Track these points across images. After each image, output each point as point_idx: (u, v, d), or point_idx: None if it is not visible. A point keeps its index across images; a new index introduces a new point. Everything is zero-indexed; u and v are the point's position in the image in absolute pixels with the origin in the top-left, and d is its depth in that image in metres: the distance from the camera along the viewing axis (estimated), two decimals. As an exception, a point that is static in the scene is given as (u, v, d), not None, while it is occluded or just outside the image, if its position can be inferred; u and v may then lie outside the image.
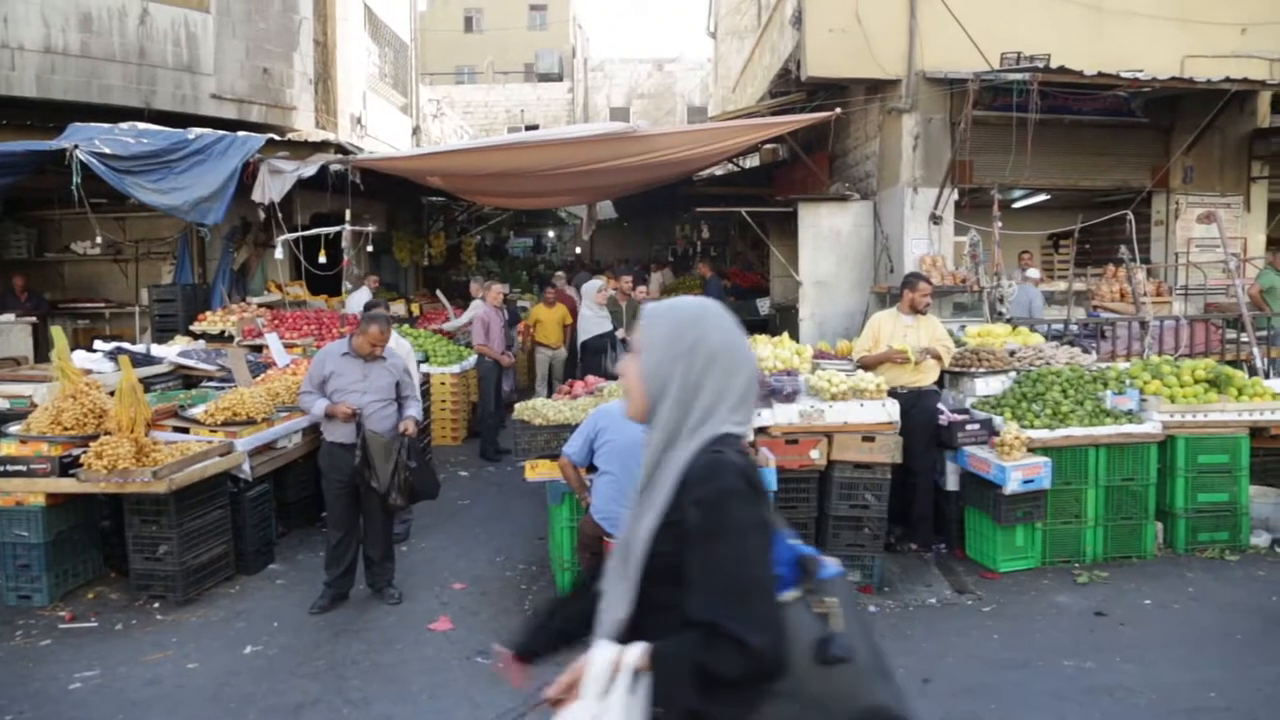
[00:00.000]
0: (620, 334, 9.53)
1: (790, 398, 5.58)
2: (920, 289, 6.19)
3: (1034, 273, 9.60)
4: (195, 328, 8.90)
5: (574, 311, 10.81)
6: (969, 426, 5.90)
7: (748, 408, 1.69)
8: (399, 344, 6.09)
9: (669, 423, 1.65)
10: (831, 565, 1.64)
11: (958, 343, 6.78)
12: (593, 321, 9.57)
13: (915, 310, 6.20)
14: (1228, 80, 8.39)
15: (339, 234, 9.56)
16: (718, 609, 1.49)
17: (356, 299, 10.44)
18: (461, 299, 12.93)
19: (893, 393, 5.73)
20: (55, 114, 9.91)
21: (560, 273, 13.48)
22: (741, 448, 1.64)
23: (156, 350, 7.80)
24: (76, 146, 8.14)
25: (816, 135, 11.33)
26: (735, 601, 1.50)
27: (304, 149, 9.59)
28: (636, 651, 1.56)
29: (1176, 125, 9.93)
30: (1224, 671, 4.32)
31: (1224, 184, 10.15)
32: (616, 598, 1.67)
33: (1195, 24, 9.54)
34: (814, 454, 5.37)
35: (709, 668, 1.48)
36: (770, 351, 6.24)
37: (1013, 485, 5.43)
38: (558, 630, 1.97)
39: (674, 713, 1.53)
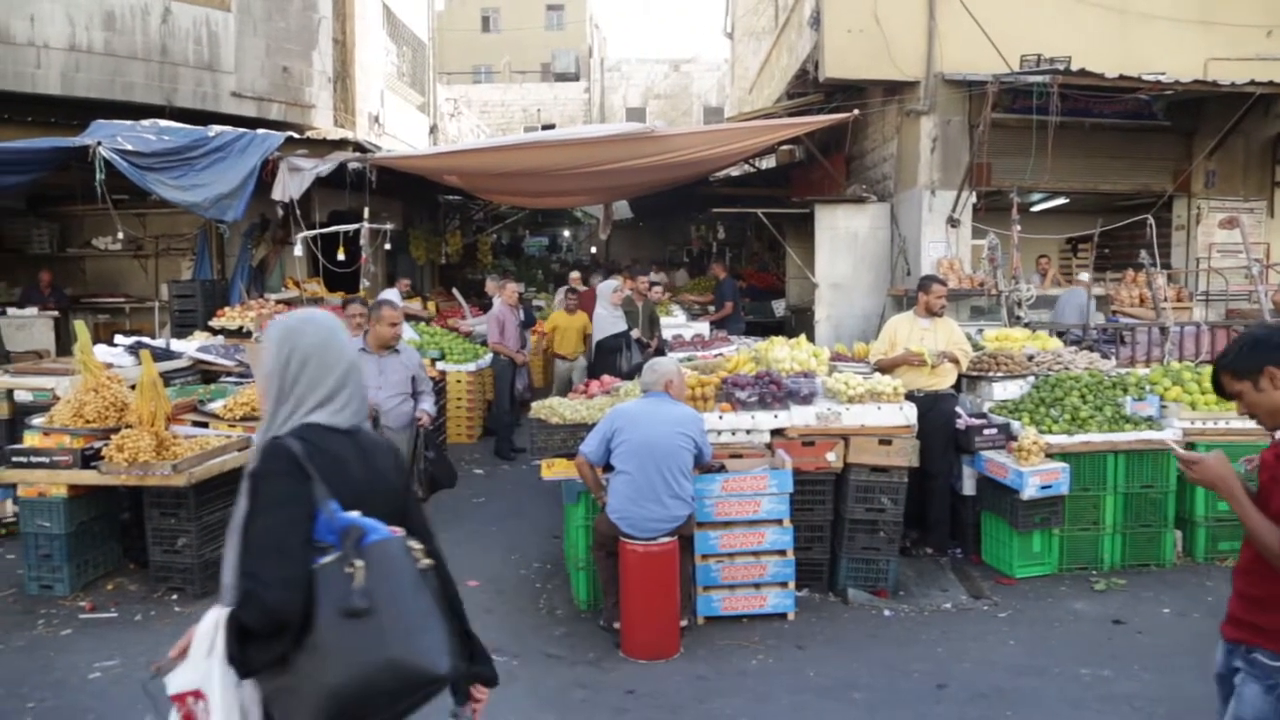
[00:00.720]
0: (635, 334, 9.52)
1: (807, 400, 5.57)
2: (934, 291, 6.17)
3: (1085, 276, 9.48)
4: (214, 323, 8.96)
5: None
6: (986, 431, 5.87)
7: (341, 402, 1.98)
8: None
9: (270, 414, 1.97)
10: (380, 531, 1.81)
11: (976, 346, 6.74)
12: (608, 321, 9.56)
13: (931, 313, 6.18)
14: (1252, 83, 8.31)
15: (357, 232, 9.61)
16: (247, 569, 1.77)
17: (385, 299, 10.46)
18: (478, 297, 12.95)
19: (910, 396, 5.70)
20: (79, 111, 10.01)
21: (575, 273, 13.12)
22: (322, 436, 1.91)
23: (176, 345, 7.85)
24: (100, 143, 8.22)
25: (834, 136, 11.29)
26: (259, 563, 1.76)
27: (322, 147, 9.64)
28: (224, 614, 1.81)
29: (1199, 129, 9.83)
30: None
31: (1247, 188, 10.04)
32: (227, 564, 1.89)
33: (1219, 26, 9.45)
34: (831, 456, 5.36)
35: (239, 620, 1.75)
36: (787, 353, 6.22)
37: (1030, 491, 5.40)
38: None
39: (229, 660, 1.76)
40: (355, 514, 1.83)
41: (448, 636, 1.83)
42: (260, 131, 9.30)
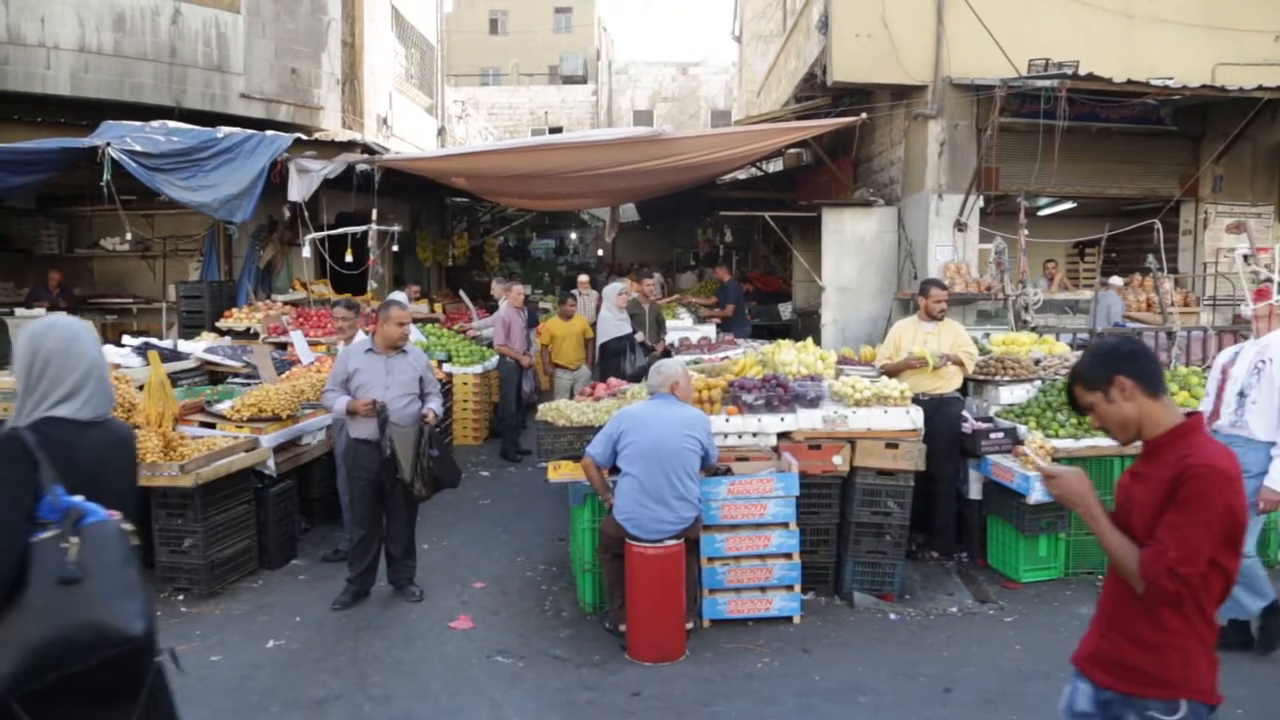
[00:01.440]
0: (639, 337, 9.52)
1: (814, 403, 5.57)
2: (933, 295, 6.16)
3: (1117, 280, 9.44)
4: (221, 324, 9.00)
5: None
6: (993, 435, 5.86)
7: (83, 399, 2.23)
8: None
9: (18, 407, 2.22)
10: (99, 514, 2.05)
11: (982, 350, 6.73)
12: (612, 324, 9.56)
13: (931, 316, 6.17)
14: (1260, 88, 8.29)
15: (365, 233, 9.64)
16: None
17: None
18: (484, 300, 12.97)
19: (915, 400, 5.69)
20: (88, 112, 10.07)
21: (584, 276, 12.89)
22: (59, 428, 2.16)
23: (183, 346, 7.89)
24: (109, 144, 8.27)
25: (841, 140, 11.31)
26: None
27: (331, 149, 9.67)
28: None
29: (1207, 134, 9.82)
30: (1249, 688, 4.25)
31: (1255, 193, 10.02)
32: None
33: (1227, 31, 9.43)
34: (837, 460, 5.35)
35: None
36: (794, 356, 6.22)
37: (1036, 495, 5.38)
38: None
39: None
40: (79, 498, 2.06)
41: (148, 604, 2.12)
42: (269, 133, 9.33)
